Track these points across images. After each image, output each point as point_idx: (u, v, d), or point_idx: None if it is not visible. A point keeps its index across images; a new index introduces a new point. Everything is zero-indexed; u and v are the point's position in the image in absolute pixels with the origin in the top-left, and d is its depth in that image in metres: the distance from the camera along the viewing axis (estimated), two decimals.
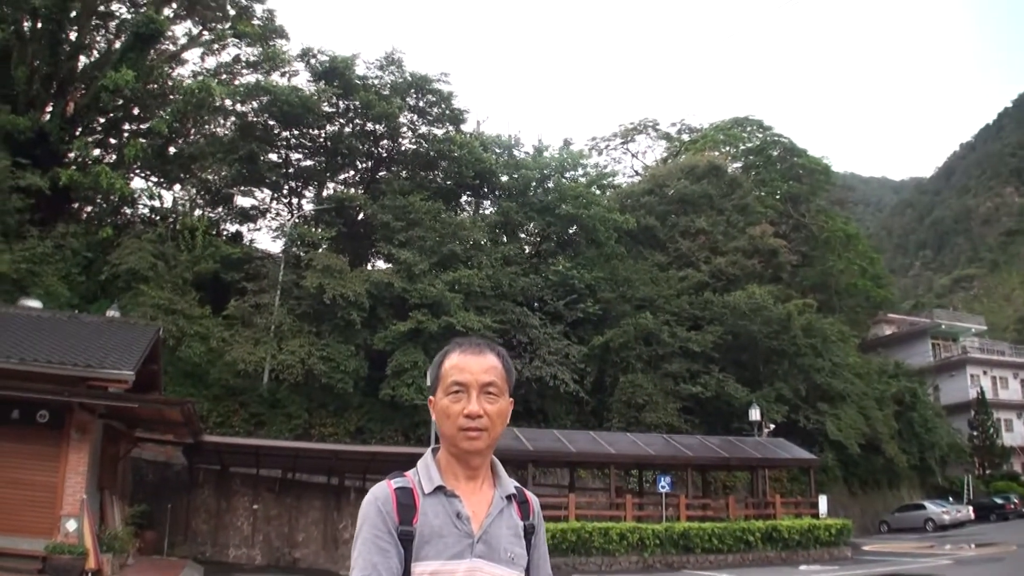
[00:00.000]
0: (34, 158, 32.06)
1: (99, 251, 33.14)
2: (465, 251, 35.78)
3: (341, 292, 31.33)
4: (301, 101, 36.49)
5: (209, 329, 31.21)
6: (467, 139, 39.62)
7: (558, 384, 33.72)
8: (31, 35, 35.21)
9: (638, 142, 61.28)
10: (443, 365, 2.36)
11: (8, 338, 20.74)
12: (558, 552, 23.38)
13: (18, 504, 18.69)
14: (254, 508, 28.00)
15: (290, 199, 41.62)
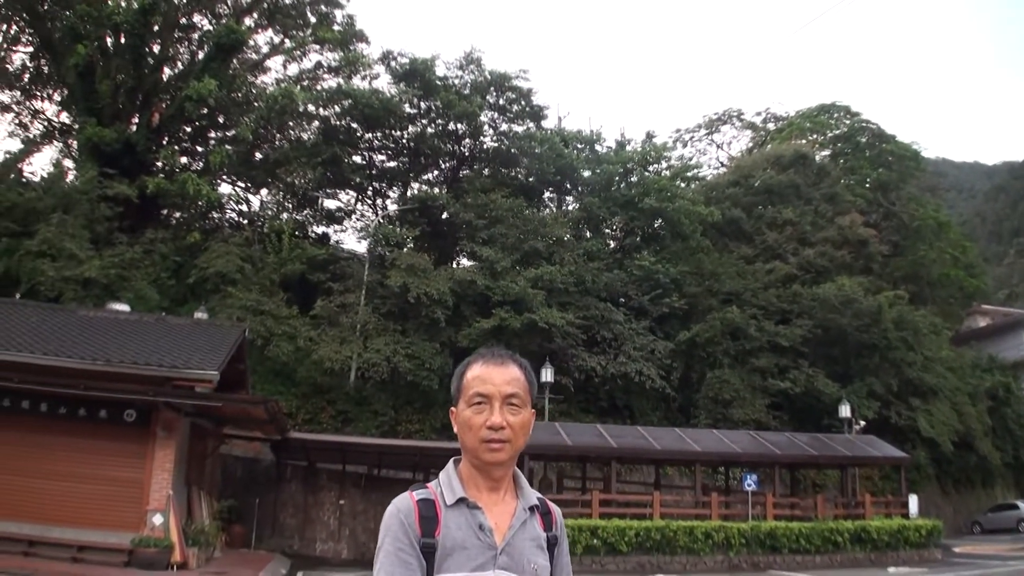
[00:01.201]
0: (122, 168, 33.17)
1: (188, 255, 34.07)
2: (547, 247, 35.64)
3: (425, 291, 31.50)
4: (382, 103, 36.96)
5: (296, 329, 31.65)
6: (548, 135, 39.53)
7: (644, 380, 33.23)
8: (114, 50, 36.53)
9: (723, 132, 60.39)
10: (465, 376, 2.36)
11: (96, 340, 21.42)
12: (642, 550, 23.04)
13: (106, 499, 19.27)
14: (340, 503, 28.37)
15: (374, 200, 42.20)
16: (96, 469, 19.48)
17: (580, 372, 32.97)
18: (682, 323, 36.91)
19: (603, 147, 42.59)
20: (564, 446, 25.68)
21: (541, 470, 28.41)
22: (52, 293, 29.04)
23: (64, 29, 34.63)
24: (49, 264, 29.40)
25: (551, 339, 32.24)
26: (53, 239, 29.88)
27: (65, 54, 34.73)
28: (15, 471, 19.20)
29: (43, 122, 40.75)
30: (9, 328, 21.43)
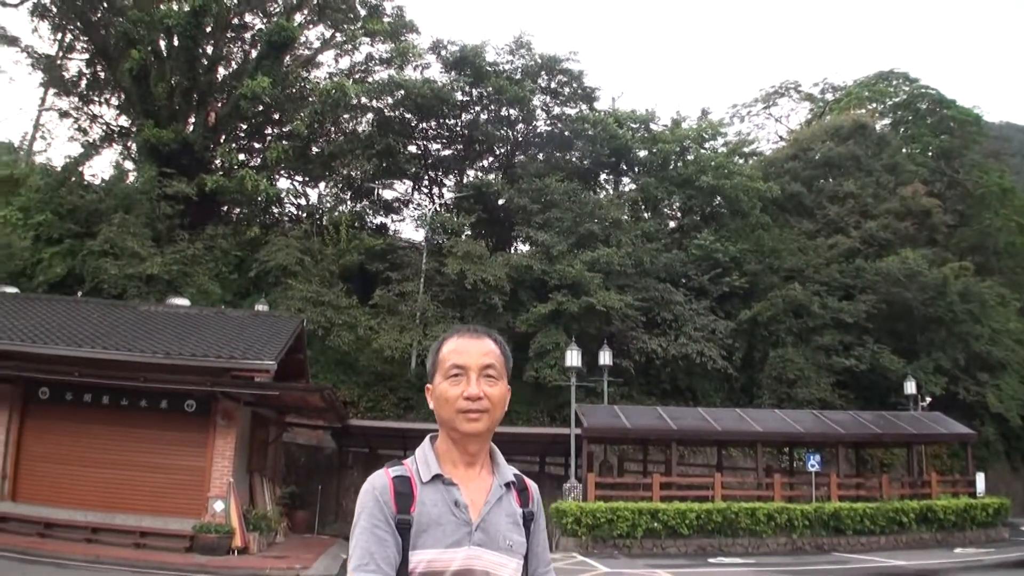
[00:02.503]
0: (180, 167, 33.91)
1: (248, 250, 34.69)
2: (603, 230, 35.29)
3: (482, 277, 31.61)
4: (434, 92, 37.13)
5: (357, 318, 31.96)
6: (601, 117, 39.19)
7: (705, 361, 32.83)
8: (168, 53, 37.40)
9: (780, 106, 59.08)
10: (441, 351, 2.36)
11: (157, 334, 21.95)
12: (703, 533, 22.66)
13: (168, 487, 19.75)
14: None
15: (430, 189, 42.50)
16: (158, 458, 19.99)
17: (640, 354, 32.69)
18: (743, 302, 36.28)
19: (658, 126, 41.99)
20: (624, 429, 25.41)
21: (602, 453, 28.28)
22: (115, 290, 29.87)
23: (117, 35, 35.53)
24: (112, 262, 30.25)
25: (610, 322, 32.03)
26: (115, 238, 30.75)
27: (120, 59, 35.81)
28: (79, 461, 19.88)
29: (102, 126, 41.96)
30: (72, 325, 22.06)
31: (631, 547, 22.07)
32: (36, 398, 20.38)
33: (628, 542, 22.16)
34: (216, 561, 17.66)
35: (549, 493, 26.97)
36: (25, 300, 25.17)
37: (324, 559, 19.53)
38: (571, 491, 24.17)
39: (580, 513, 22.31)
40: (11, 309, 23.20)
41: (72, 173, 36.06)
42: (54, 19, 40.16)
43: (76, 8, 38.36)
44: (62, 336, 20.96)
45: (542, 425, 30.47)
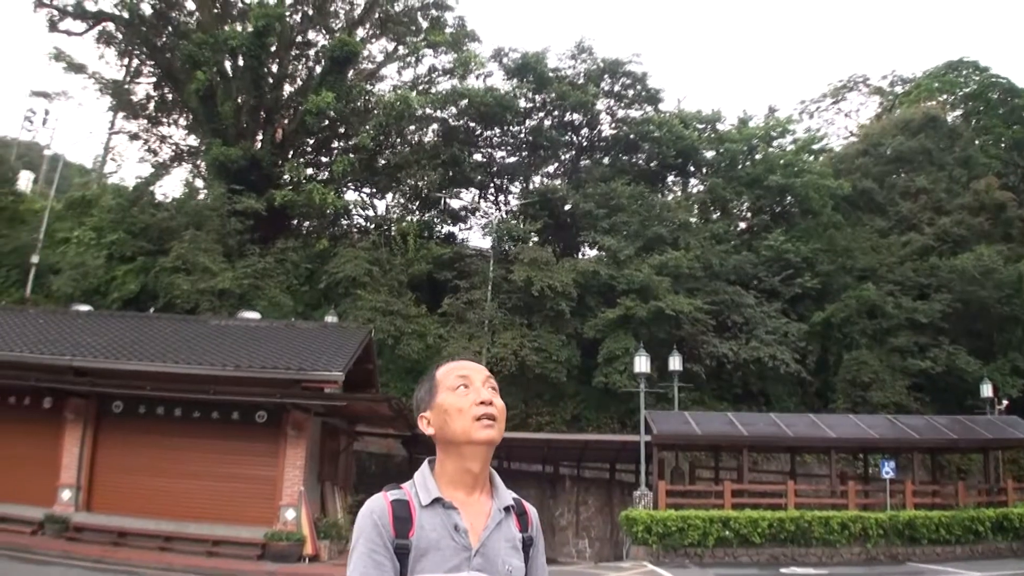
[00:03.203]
0: (249, 183, 34.67)
1: (318, 262, 35.10)
2: (671, 233, 34.87)
3: (548, 283, 31.47)
4: (497, 100, 37.21)
5: (426, 327, 32.19)
6: (666, 118, 38.78)
7: (778, 365, 31.92)
8: (233, 73, 38.31)
9: (849, 100, 57.11)
10: (436, 376, 2.35)
11: (227, 347, 22.34)
12: (776, 542, 22.12)
13: (241, 496, 20.07)
14: None
15: (496, 196, 42.56)
16: (230, 468, 20.36)
17: (711, 359, 32.13)
18: (816, 303, 35.32)
19: (725, 125, 41.48)
20: (694, 435, 25.01)
21: (673, 460, 27.91)
22: (188, 305, 30.53)
23: (183, 58, 36.50)
24: (184, 278, 30.97)
25: (679, 326, 31.56)
26: (187, 254, 31.50)
27: (186, 81, 36.74)
28: (152, 472, 20.35)
29: (171, 146, 43.37)
30: (144, 340, 22.57)
31: (702, 556, 21.69)
32: (110, 412, 21.04)
33: (699, 551, 21.78)
34: (287, 568, 17.88)
35: (620, 501, 26.81)
36: (98, 317, 25.89)
37: None
38: (641, 499, 23.88)
39: (650, 521, 22.03)
40: (85, 326, 23.84)
41: (143, 193, 37.08)
42: (120, 45, 41.63)
43: (141, 34, 39.66)
44: (135, 351, 21.46)
45: (612, 431, 30.23)
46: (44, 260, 34.29)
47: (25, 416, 21.07)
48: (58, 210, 38.60)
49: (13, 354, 20.85)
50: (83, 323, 24.36)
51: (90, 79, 41.48)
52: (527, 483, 29.07)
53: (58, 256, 34.43)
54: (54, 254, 34.71)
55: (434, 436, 2.29)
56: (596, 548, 27.51)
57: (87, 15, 40.14)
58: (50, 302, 32.07)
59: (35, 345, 21.48)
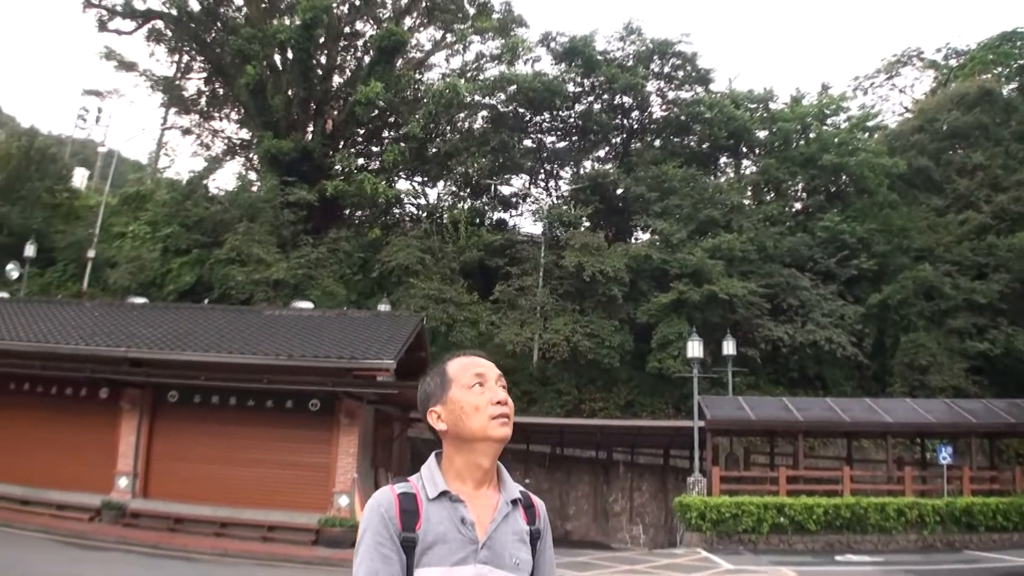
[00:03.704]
0: (301, 174, 35.15)
1: (371, 251, 35.37)
2: (724, 215, 34.33)
3: (600, 268, 31.23)
4: (545, 86, 36.98)
5: (478, 314, 32.28)
6: (717, 99, 38.16)
7: (834, 348, 31.20)
8: (283, 66, 38.75)
9: (903, 75, 55.10)
10: (448, 372, 2.35)
11: (280, 337, 22.64)
12: (831, 529, 21.73)
13: (295, 483, 20.36)
14: (526, 482, 28.54)
15: (547, 182, 42.38)
16: (284, 455, 20.68)
17: (766, 343, 31.44)
18: (872, 285, 34.30)
19: (777, 104, 40.47)
20: (748, 421, 24.65)
21: (727, 446, 27.60)
22: (243, 296, 30.98)
23: (232, 53, 37.07)
24: (238, 269, 31.43)
25: (734, 310, 31.05)
26: (241, 246, 31.96)
27: (236, 76, 37.26)
28: (207, 459, 20.79)
29: (223, 140, 44.19)
30: (198, 331, 23.01)
31: (756, 543, 21.44)
32: (166, 401, 21.54)
33: (753, 538, 21.53)
34: (340, 554, 18.04)
35: (674, 487, 26.59)
36: (153, 309, 26.45)
37: None
38: (695, 485, 23.65)
39: (704, 508, 21.84)
40: (140, 318, 24.36)
41: (197, 186, 37.72)
42: (170, 42, 42.40)
43: (190, 30, 40.31)
44: (189, 342, 21.87)
45: (666, 417, 29.93)
46: (100, 254, 35.15)
47: (83, 406, 21.68)
48: (113, 205, 39.56)
49: (70, 346, 21.46)
50: (138, 315, 24.91)
51: (141, 76, 42.58)
52: (580, 469, 29.07)
53: (114, 250, 35.26)
54: (110, 248, 35.56)
55: (445, 431, 2.28)
56: (650, 534, 27.36)
57: (136, 14, 40.95)
58: (107, 295, 32.87)
59: (91, 337, 22.06)
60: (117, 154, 50.58)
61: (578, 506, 28.48)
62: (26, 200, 37.44)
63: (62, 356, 21.28)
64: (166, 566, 15.95)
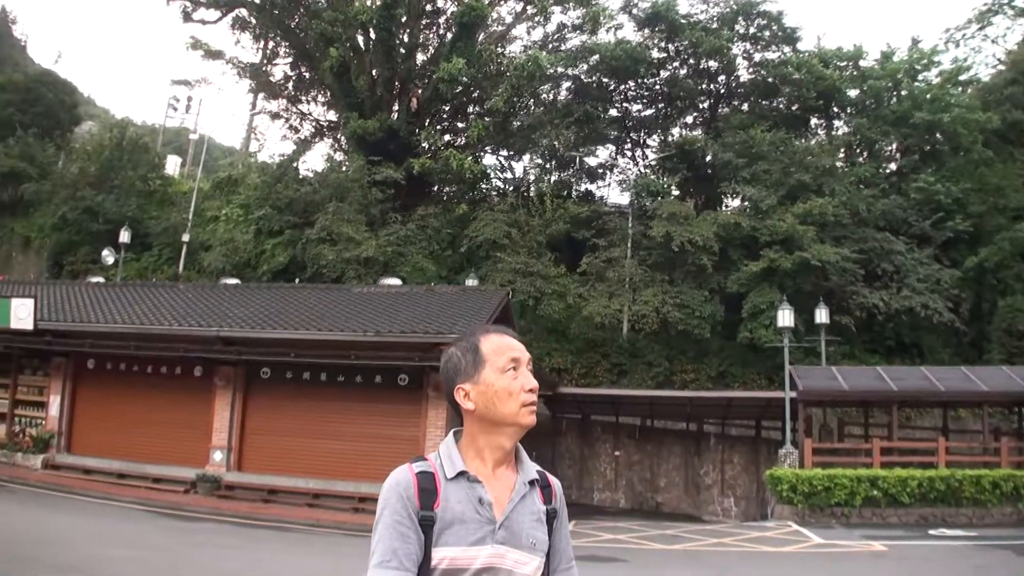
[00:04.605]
0: (388, 153, 35.62)
1: (459, 226, 35.63)
2: (815, 179, 33.12)
3: (688, 238, 30.68)
4: (628, 53, 36.37)
5: (566, 287, 32.16)
6: (805, 58, 36.75)
7: (930, 314, 29.91)
8: (366, 47, 39.20)
9: (996, 25, 52.78)
10: (482, 349, 2.32)
11: (368, 314, 23.20)
12: (925, 502, 21.07)
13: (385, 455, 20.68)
14: (615, 454, 28.74)
15: (633, 151, 41.85)
16: (374, 428, 21.29)
17: (861, 310, 30.32)
18: (969, 247, 32.73)
19: (867, 62, 38.65)
20: (840, 391, 24.02)
21: (821, 417, 27.05)
22: (334, 274, 31.68)
23: (315, 37, 37.53)
24: (329, 248, 32.11)
25: (827, 277, 30.11)
26: (331, 226, 32.63)
27: (320, 59, 37.83)
28: (299, 433, 21.58)
29: (311, 123, 44.87)
30: (289, 310, 23.73)
31: (849, 516, 21.00)
32: (258, 378, 22.47)
33: (846, 511, 21.09)
34: None
35: (766, 459, 26.22)
36: (245, 289, 27.32)
37: None
38: (787, 457, 23.29)
39: (796, 480, 21.48)
40: (234, 298, 25.20)
41: (287, 169, 38.59)
42: (254, 30, 43.22)
43: (274, 16, 41.04)
44: (279, 320, 22.58)
45: (759, 388, 29.39)
46: (195, 238, 36.41)
47: (178, 384, 22.84)
48: (206, 190, 40.83)
49: (164, 327, 22.41)
50: (230, 295, 25.79)
51: (228, 64, 43.52)
52: (671, 441, 28.93)
53: (208, 233, 36.44)
54: (204, 232, 36.77)
55: (471, 411, 2.29)
56: (742, 507, 27.09)
57: (219, 3, 41.95)
58: (203, 277, 34.05)
59: (184, 318, 22.99)
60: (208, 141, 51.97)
61: (669, 478, 28.36)
62: (120, 189, 38.99)
63: (156, 337, 22.32)
64: (259, 535, 16.52)
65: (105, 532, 15.54)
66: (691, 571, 14.55)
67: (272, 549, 15.50)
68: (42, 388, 24.56)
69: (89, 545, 13.82)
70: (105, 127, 46.95)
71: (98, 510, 18.29)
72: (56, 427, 23.78)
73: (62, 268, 39.27)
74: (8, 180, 42.50)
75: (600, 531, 19.53)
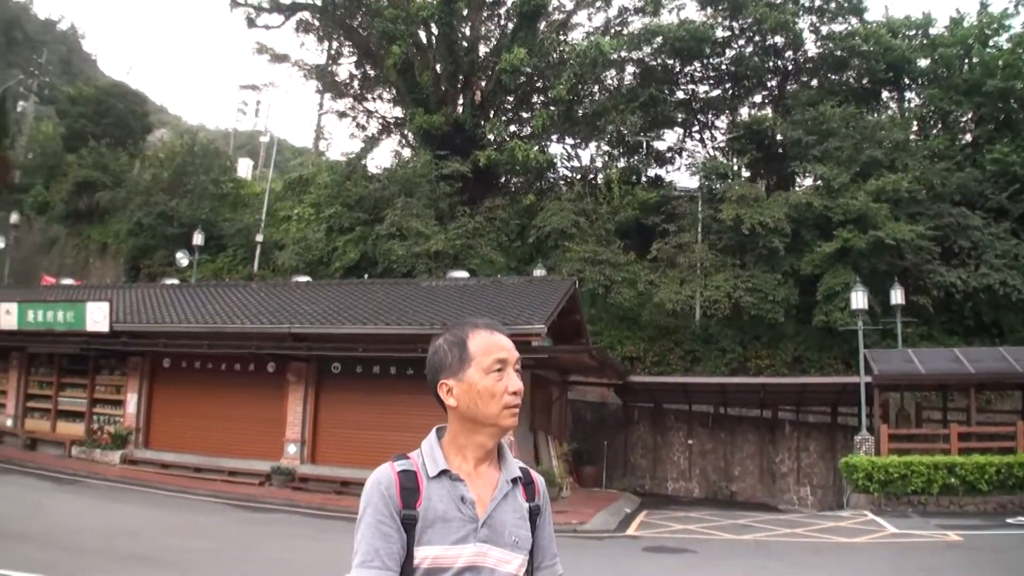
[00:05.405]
0: (454, 147, 36.02)
1: (527, 217, 35.70)
2: (887, 154, 32.11)
3: (759, 220, 30.18)
4: (691, 33, 35.92)
5: (636, 274, 31.92)
6: (873, 29, 35.56)
7: (1009, 292, 28.84)
8: (428, 42, 39.49)
9: None
10: (469, 346, 2.33)
11: (436, 307, 23.47)
12: (1003, 489, 20.31)
13: None
14: (689, 443, 28.46)
15: (702, 133, 41.28)
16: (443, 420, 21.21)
17: (938, 289, 29.44)
18: None
19: (937, 29, 37.30)
20: (917, 374, 23.13)
21: (898, 402, 26.36)
22: (404, 269, 32.13)
23: (378, 35, 37.76)
24: (399, 243, 32.57)
25: (902, 256, 29.16)
26: (400, 221, 33.08)
27: (384, 57, 38.09)
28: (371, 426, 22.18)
29: (378, 120, 45.51)
30: (358, 305, 24.20)
31: (926, 505, 20.46)
32: (329, 372, 23.04)
33: (923, 499, 20.55)
34: None
35: (843, 446, 25.65)
36: (316, 286, 27.93)
37: (603, 514, 19.86)
38: (862, 444, 22.76)
39: (871, 468, 20.98)
40: (305, 295, 25.77)
41: (356, 167, 39.17)
42: (318, 31, 43.91)
43: (336, 17, 41.70)
44: (348, 316, 23.06)
45: (836, 373, 28.72)
46: (268, 238, 37.34)
47: (252, 380, 23.62)
48: (278, 191, 41.70)
49: (236, 325, 23.07)
50: (301, 293, 26.35)
51: (294, 66, 44.53)
52: (745, 429, 28.52)
53: (281, 233, 37.28)
54: (277, 232, 37.65)
55: (454, 408, 2.31)
56: (818, 496, 26.56)
57: (282, 7, 42.76)
58: (276, 275, 34.85)
59: (256, 316, 23.63)
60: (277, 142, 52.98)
61: (743, 467, 27.99)
62: (193, 193, 40.13)
63: (229, 335, 23.01)
64: (331, 526, 16.85)
65: (180, 524, 16.05)
66: (759, 562, 14.36)
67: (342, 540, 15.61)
68: (119, 387, 25.75)
69: (163, 537, 14.33)
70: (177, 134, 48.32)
71: (174, 503, 18.90)
72: (134, 424, 24.88)
73: (139, 272, 40.73)
74: (84, 189, 44.37)
75: (671, 521, 19.44)
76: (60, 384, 26.83)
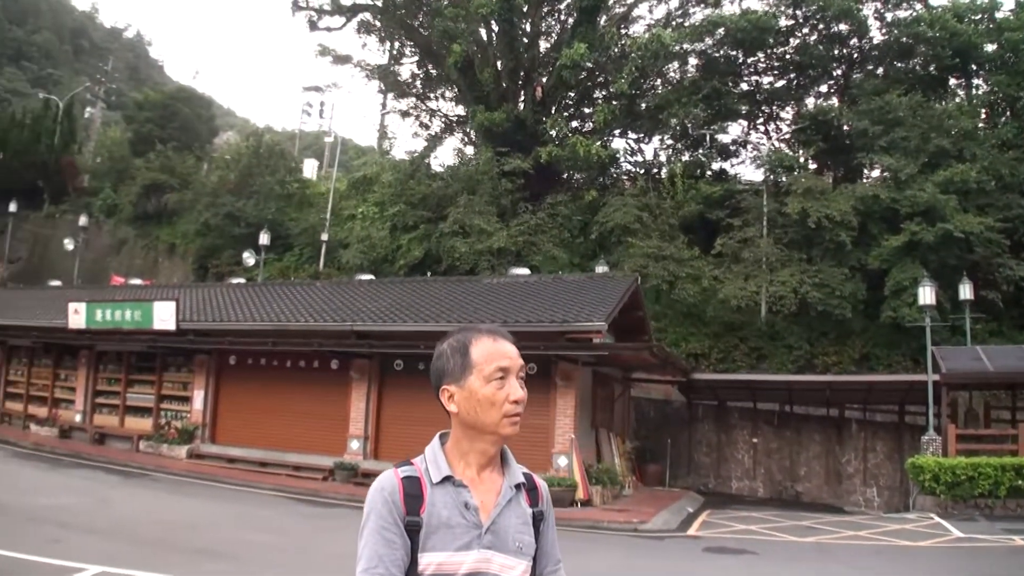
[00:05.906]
0: (515, 144, 36.12)
1: (589, 213, 35.63)
2: (954, 143, 31.37)
3: (825, 213, 29.65)
4: (753, 23, 35.35)
5: (700, 269, 31.71)
6: (938, 14, 34.65)
7: None
8: (488, 39, 39.75)
9: None
10: (472, 352, 2.30)
11: (497, 304, 23.70)
12: None
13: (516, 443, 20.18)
14: (753, 441, 28.18)
15: (767, 125, 40.75)
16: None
17: (1008, 284, 28.55)
18: None
19: (1002, 13, 36.00)
20: (984, 372, 22.59)
21: (966, 401, 25.70)
22: (467, 266, 32.38)
23: (439, 34, 37.95)
24: (462, 241, 32.84)
25: (971, 249, 28.39)
26: (463, 218, 33.36)
27: (445, 55, 38.25)
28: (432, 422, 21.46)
29: (440, 119, 46.03)
30: (420, 303, 24.56)
31: (993, 508, 20.04)
32: (391, 369, 23.40)
33: (990, 502, 20.13)
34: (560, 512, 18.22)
35: (910, 446, 25.13)
36: (379, 284, 28.38)
37: (665, 513, 19.82)
38: (929, 445, 22.31)
39: (938, 469, 20.53)
40: (368, 293, 26.25)
41: (419, 165, 39.55)
42: (379, 32, 44.50)
43: (397, 18, 42.12)
44: (410, 314, 23.42)
45: (904, 370, 28.07)
46: (333, 237, 37.91)
47: (316, 377, 24.16)
48: (342, 191, 42.29)
49: (299, 323, 23.75)
50: (365, 291, 26.83)
51: (356, 67, 45.31)
52: (811, 428, 28.10)
53: (345, 232, 37.80)
54: (342, 231, 38.18)
55: (456, 414, 2.30)
56: (885, 497, 26.07)
57: (343, 10, 43.37)
58: (342, 274, 35.30)
59: (321, 314, 24.17)
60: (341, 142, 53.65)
61: (809, 467, 27.58)
62: (259, 194, 40.92)
63: (293, 332, 23.67)
64: None
65: (243, 517, 16.51)
66: (819, 565, 14.26)
67: None
68: (186, 383, 26.62)
69: (226, 530, 14.84)
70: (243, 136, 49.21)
71: (239, 497, 19.45)
72: (200, 419, 25.68)
73: (207, 271, 41.73)
74: (151, 192, 45.66)
75: (734, 521, 19.33)
76: (128, 380, 27.88)
